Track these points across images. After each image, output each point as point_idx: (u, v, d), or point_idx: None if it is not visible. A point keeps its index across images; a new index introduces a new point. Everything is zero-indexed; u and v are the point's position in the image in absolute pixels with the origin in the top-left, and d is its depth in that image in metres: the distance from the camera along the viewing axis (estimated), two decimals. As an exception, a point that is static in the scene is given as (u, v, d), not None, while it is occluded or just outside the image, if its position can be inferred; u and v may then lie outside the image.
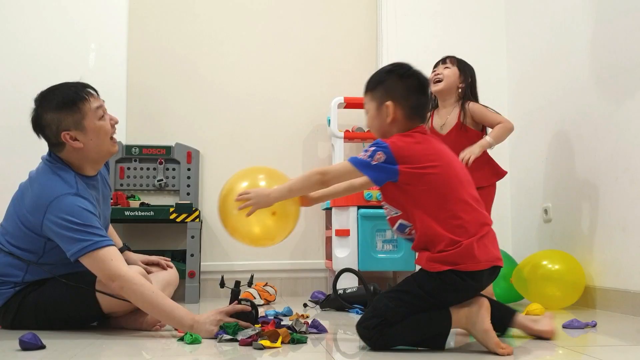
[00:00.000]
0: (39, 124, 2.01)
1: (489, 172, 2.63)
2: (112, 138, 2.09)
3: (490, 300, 1.75)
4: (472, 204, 1.69)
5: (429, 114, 2.71)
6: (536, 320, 1.86)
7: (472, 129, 2.62)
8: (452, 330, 1.66)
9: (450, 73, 2.63)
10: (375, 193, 3.07)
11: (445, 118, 2.66)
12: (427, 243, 1.68)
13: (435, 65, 2.70)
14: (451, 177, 1.69)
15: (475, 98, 2.67)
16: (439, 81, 2.63)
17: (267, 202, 1.87)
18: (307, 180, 1.82)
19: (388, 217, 1.81)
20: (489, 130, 2.63)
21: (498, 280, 2.79)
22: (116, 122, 2.10)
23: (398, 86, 1.76)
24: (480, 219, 1.69)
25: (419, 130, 1.76)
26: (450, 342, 1.79)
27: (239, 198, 1.89)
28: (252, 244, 2.06)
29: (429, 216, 1.66)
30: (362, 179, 1.94)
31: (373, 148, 1.69)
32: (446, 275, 1.63)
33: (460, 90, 2.64)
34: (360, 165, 1.70)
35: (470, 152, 2.45)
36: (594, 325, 2.13)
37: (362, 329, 1.66)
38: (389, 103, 1.75)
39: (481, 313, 1.64)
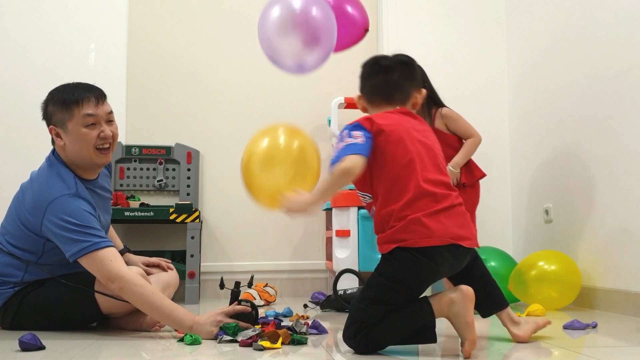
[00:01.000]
0: (44, 112, 2.06)
1: (467, 171, 2.72)
2: (100, 149, 2.03)
3: (487, 282, 1.76)
4: (431, 180, 1.66)
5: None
6: (518, 322, 1.83)
7: (448, 133, 2.72)
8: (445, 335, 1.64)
9: None
10: (375, 193, 3.06)
11: None
12: (382, 223, 1.66)
13: None
14: (407, 155, 1.68)
15: (437, 99, 2.73)
16: None
17: (300, 210, 1.73)
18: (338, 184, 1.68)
19: (365, 205, 1.83)
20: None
21: (500, 282, 2.80)
22: (107, 136, 2.02)
23: (360, 79, 1.90)
24: (436, 194, 1.64)
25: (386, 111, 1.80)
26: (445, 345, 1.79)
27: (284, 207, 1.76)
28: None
29: (385, 193, 1.67)
30: None
31: (346, 131, 1.70)
32: (397, 253, 1.60)
33: (424, 101, 2.68)
34: (350, 150, 1.65)
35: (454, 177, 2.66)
36: (595, 326, 2.12)
37: (346, 340, 1.65)
38: (355, 96, 1.90)
39: (465, 304, 1.58)
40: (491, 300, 1.78)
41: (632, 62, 2.53)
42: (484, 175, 2.77)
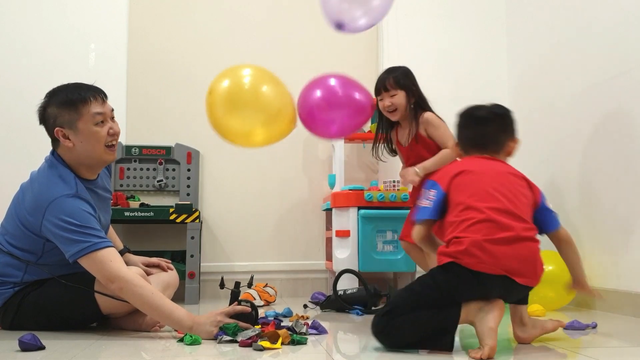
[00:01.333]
0: (42, 116, 2.05)
1: None
2: (109, 146, 2.05)
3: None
4: (496, 209, 1.72)
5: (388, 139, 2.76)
6: (525, 324, 1.84)
7: (428, 139, 2.61)
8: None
9: (399, 100, 2.60)
10: (375, 194, 3.06)
11: (406, 132, 2.67)
12: (445, 238, 1.78)
13: (379, 93, 2.65)
14: (476, 185, 1.79)
15: (425, 104, 2.66)
16: (394, 110, 2.62)
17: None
18: None
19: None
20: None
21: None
22: (115, 132, 2.06)
23: (456, 128, 2.03)
24: (499, 222, 1.70)
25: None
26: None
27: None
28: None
29: (453, 214, 1.78)
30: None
31: (425, 189, 1.89)
32: (454, 266, 1.68)
33: (412, 106, 2.65)
34: (419, 215, 1.87)
35: (411, 181, 2.56)
36: (595, 327, 2.12)
37: (374, 318, 1.70)
38: (451, 143, 2.10)
39: (494, 312, 1.65)
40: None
41: (632, 62, 2.53)
42: None
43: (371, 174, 3.64)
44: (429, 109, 2.65)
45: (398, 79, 2.62)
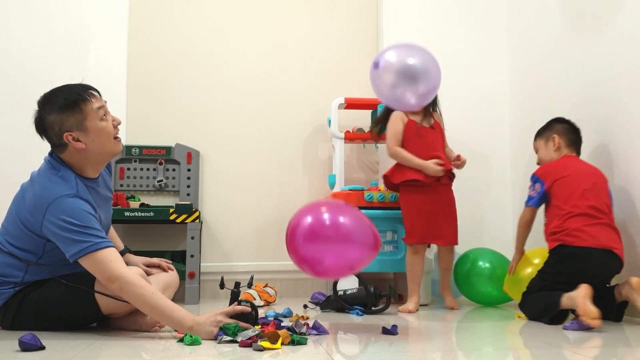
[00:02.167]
0: (42, 126, 2.01)
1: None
2: (115, 138, 2.09)
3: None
4: (585, 206, 2.38)
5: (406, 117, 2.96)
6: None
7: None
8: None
9: None
10: (375, 194, 3.06)
11: (421, 116, 2.89)
12: (549, 229, 2.47)
13: None
14: (571, 189, 2.44)
15: (436, 103, 2.97)
16: None
17: None
18: None
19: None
20: None
21: (496, 283, 2.80)
22: (118, 123, 2.10)
23: (554, 131, 2.70)
24: (589, 213, 2.36)
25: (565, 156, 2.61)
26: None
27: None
28: None
29: (554, 210, 2.50)
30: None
31: (532, 181, 2.64)
32: (560, 247, 2.37)
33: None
34: (527, 202, 2.66)
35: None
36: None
37: (524, 292, 2.45)
38: (554, 136, 2.67)
39: (578, 289, 2.17)
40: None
41: (632, 61, 2.53)
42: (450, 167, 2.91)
43: (371, 174, 3.64)
44: (437, 107, 3.00)
45: None
